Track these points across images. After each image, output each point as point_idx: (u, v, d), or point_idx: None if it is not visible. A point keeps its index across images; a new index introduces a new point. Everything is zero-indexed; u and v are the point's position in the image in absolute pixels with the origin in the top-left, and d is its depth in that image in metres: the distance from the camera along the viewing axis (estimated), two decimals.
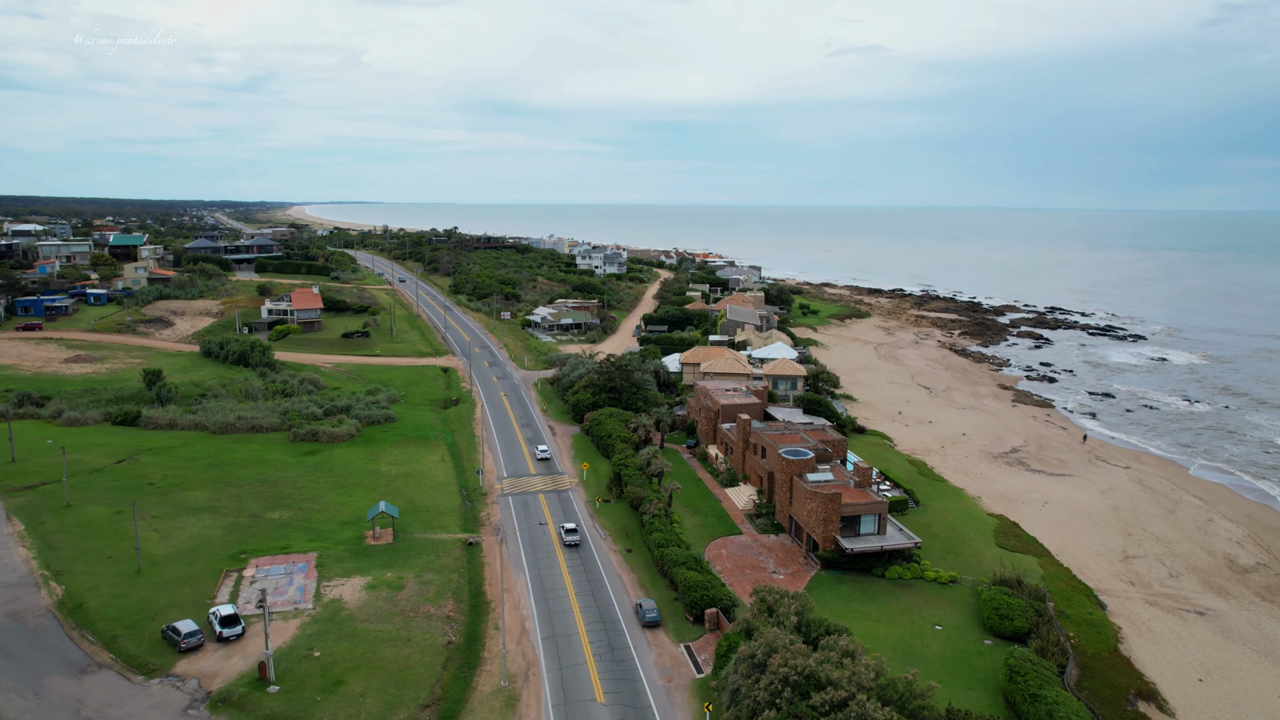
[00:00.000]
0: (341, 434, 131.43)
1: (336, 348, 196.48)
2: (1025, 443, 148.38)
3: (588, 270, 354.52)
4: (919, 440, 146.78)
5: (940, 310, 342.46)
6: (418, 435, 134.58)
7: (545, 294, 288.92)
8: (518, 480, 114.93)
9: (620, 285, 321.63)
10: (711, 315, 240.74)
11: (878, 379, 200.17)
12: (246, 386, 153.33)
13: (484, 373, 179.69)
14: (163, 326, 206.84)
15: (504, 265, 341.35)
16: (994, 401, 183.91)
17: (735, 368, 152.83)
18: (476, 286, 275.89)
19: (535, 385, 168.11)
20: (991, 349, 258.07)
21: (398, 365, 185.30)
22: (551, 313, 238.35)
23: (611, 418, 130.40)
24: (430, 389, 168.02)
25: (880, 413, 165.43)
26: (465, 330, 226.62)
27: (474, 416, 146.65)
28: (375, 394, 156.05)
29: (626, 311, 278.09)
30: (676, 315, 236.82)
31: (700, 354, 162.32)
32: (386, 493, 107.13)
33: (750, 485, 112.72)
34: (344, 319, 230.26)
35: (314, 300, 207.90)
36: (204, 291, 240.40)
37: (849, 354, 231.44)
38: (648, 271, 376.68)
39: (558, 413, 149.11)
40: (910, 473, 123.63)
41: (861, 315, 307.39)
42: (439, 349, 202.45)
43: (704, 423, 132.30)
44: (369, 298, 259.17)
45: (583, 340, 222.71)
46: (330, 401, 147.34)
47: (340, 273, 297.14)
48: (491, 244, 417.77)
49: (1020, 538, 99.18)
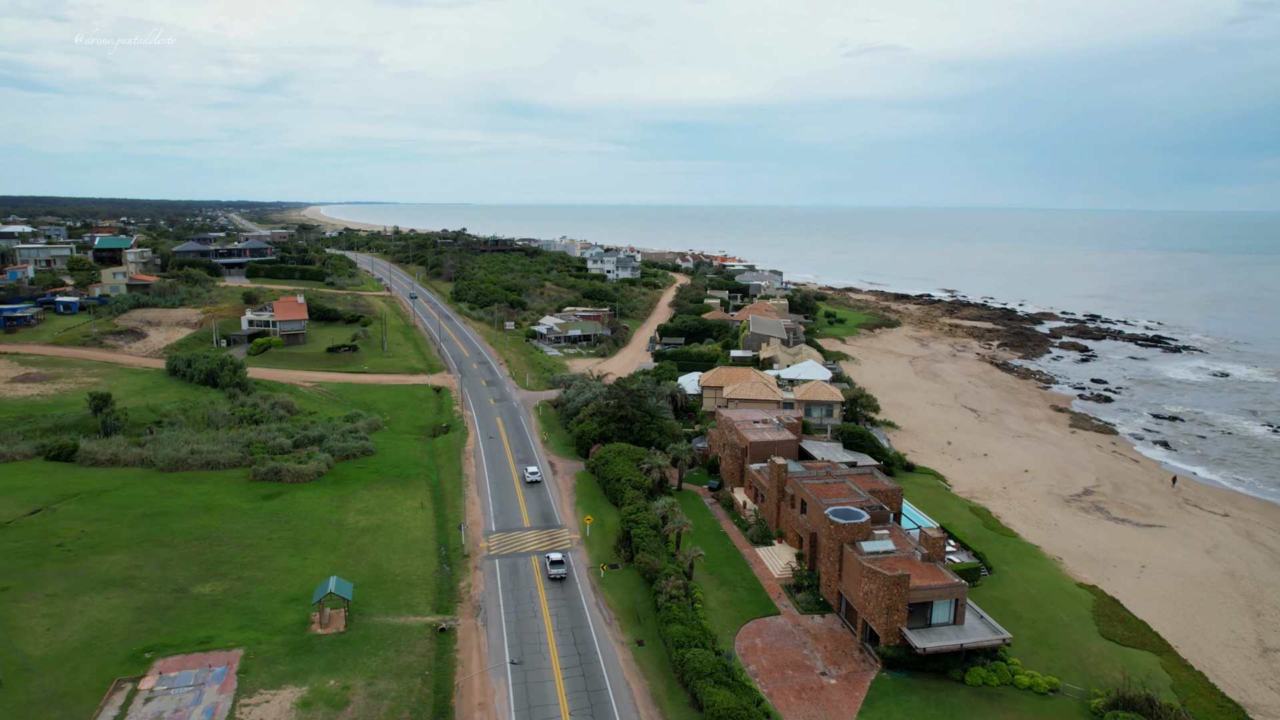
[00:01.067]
0: (309, 472, 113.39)
1: (320, 363, 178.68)
2: (1098, 481, 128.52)
3: (599, 275, 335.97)
4: (976, 479, 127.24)
5: (974, 318, 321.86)
6: (397, 473, 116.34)
7: (553, 301, 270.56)
8: (508, 536, 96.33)
9: (633, 291, 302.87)
10: (732, 326, 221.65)
11: (918, 400, 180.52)
12: (210, 412, 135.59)
13: (480, 393, 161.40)
14: (134, 339, 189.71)
15: (511, 269, 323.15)
16: (1050, 427, 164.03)
17: (763, 393, 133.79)
18: (479, 293, 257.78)
19: (537, 409, 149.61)
20: (1035, 363, 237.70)
21: (386, 384, 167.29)
22: (559, 323, 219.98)
23: (621, 456, 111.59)
24: (419, 413, 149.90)
25: (927, 443, 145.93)
26: (464, 343, 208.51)
27: (464, 448, 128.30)
28: (355, 420, 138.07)
29: (640, 320, 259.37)
30: (694, 326, 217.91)
31: (723, 376, 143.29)
32: (349, 553, 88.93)
33: (787, 545, 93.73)
34: (334, 330, 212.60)
35: (298, 310, 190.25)
36: (185, 299, 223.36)
37: (883, 369, 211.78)
38: (663, 276, 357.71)
39: (560, 444, 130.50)
40: (974, 525, 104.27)
41: (891, 324, 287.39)
42: (433, 365, 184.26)
43: (729, 461, 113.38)
44: (364, 306, 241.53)
45: (592, 354, 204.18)
46: (302, 431, 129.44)
47: (336, 278, 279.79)
48: (499, 247, 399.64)
49: (1127, 622, 79.65)
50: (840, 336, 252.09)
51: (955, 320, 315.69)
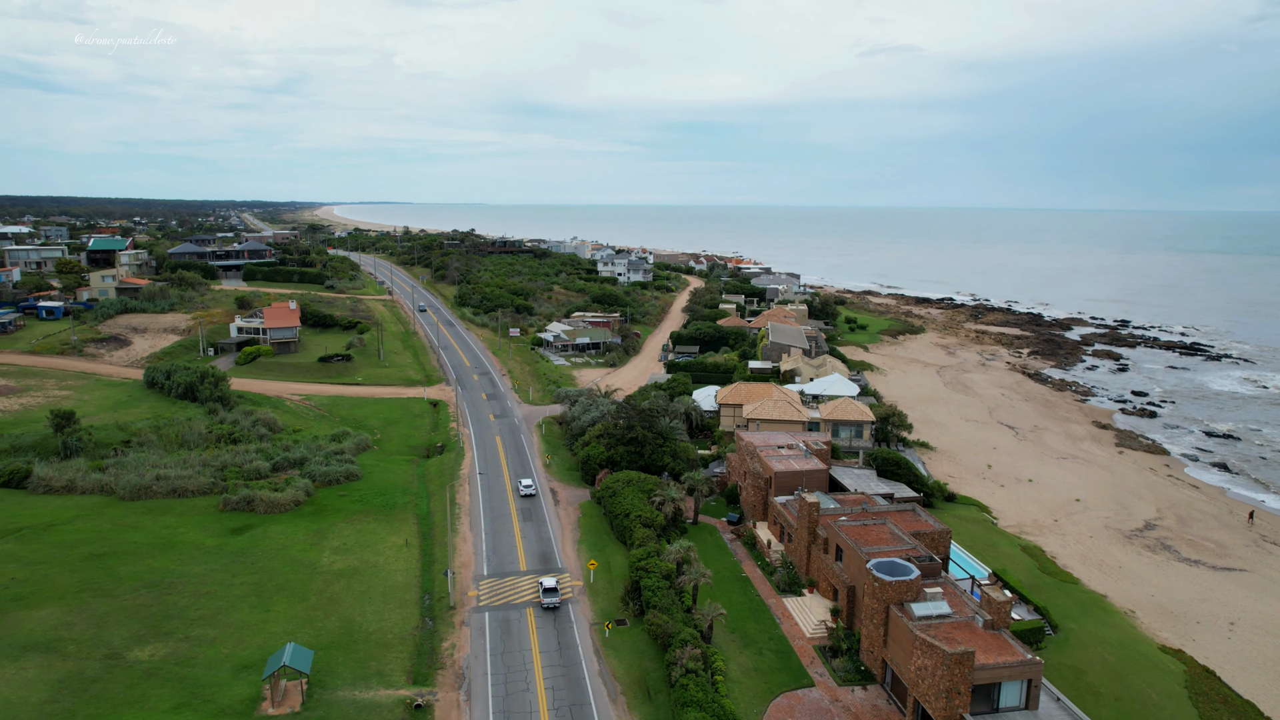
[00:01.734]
0: (284, 501, 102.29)
1: (311, 374, 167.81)
2: (1159, 513, 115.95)
3: (610, 278, 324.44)
4: (1023, 510, 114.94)
5: (1000, 324, 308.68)
6: (382, 502, 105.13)
7: (561, 306, 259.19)
8: (501, 582, 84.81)
9: (645, 295, 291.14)
10: (749, 334, 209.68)
11: (950, 415, 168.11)
12: (185, 430, 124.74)
13: (480, 408, 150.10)
14: (117, 346, 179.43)
15: (518, 272, 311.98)
16: (1095, 447, 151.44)
17: (786, 412, 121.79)
18: (484, 297, 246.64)
19: (539, 427, 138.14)
20: (1069, 372, 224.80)
21: (379, 397, 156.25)
22: (566, 330, 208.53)
23: (630, 487, 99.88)
24: (412, 430, 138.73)
25: (965, 466, 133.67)
26: (465, 351, 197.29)
27: (459, 472, 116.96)
28: (341, 440, 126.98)
29: (653, 326, 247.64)
30: (709, 334, 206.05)
31: (742, 393, 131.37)
32: (319, 604, 77.72)
33: (819, 597, 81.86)
34: (330, 336, 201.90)
35: (290, 317, 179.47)
36: (176, 304, 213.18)
37: (910, 381, 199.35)
38: (676, 279, 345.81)
39: (563, 468, 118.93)
40: (1028, 569, 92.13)
41: (915, 331, 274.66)
42: (431, 376, 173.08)
43: (751, 492, 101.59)
44: (362, 311, 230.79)
45: (601, 363, 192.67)
46: (282, 452, 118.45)
47: (336, 281, 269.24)
48: (507, 248, 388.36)
49: (1230, 703, 67.41)
50: (863, 344, 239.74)
51: (981, 326, 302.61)
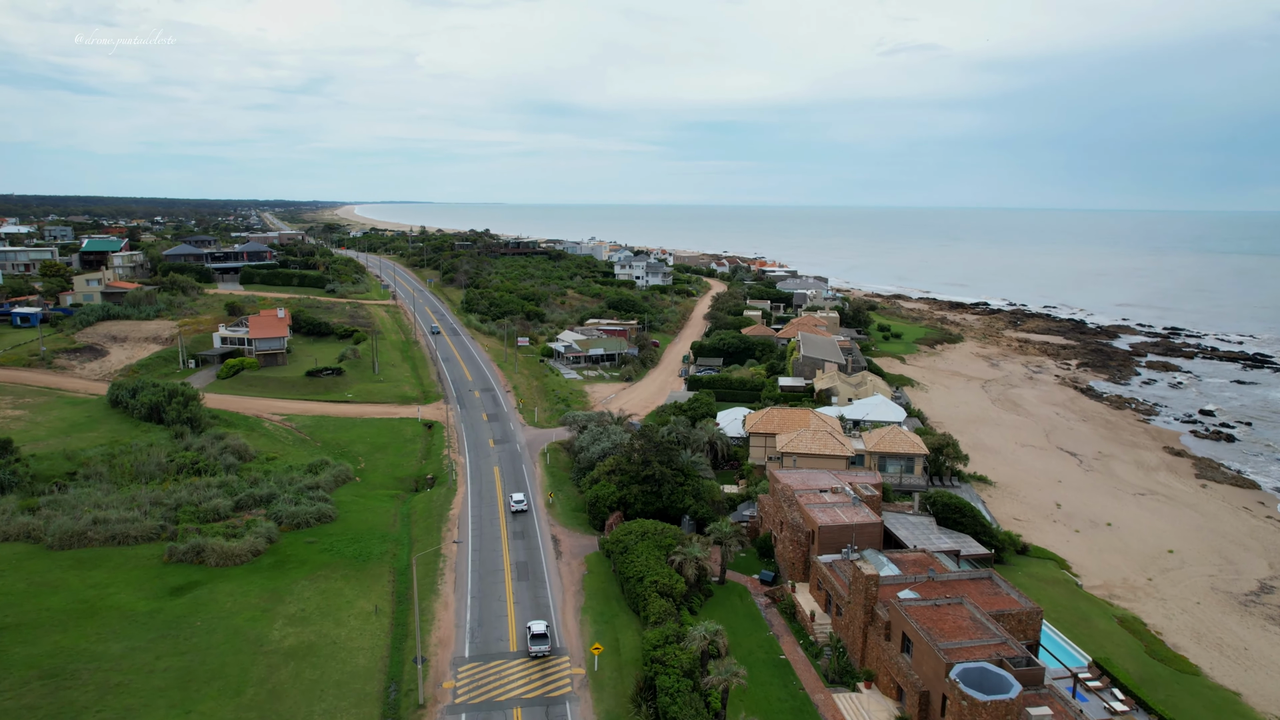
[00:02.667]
0: (241, 551, 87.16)
1: (297, 390, 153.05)
2: (1274, 569, 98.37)
3: (627, 281, 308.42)
4: (1108, 564, 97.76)
5: (1041, 331, 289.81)
6: (355, 552, 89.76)
7: (575, 312, 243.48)
8: (485, 668, 68.99)
9: (664, 300, 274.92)
10: (777, 345, 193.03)
11: (1004, 439, 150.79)
12: (141, 460, 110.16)
13: (479, 431, 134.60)
14: (91, 357, 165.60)
15: (530, 275, 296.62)
16: (1172, 479, 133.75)
17: (827, 445, 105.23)
18: (493, 303, 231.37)
19: (544, 455, 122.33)
20: (1125, 387, 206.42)
21: (369, 417, 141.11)
22: (579, 339, 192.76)
23: (645, 542, 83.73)
24: (401, 458, 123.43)
25: (1030, 504, 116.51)
26: (468, 363, 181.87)
27: (449, 512, 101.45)
28: (319, 471, 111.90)
29: (672, 334, 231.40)
30: (734, 344, 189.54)
31: (774, 419, 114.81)
32: (256, 702, 62.37)
33: (879, 694, 65.48)
34: (325, 346, 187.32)
35: (277, 326, 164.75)
36: (162, 309, 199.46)
37: (955, 398, 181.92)
38: (696, 283, 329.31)
39: (568, 509, 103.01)
40: (1132, 650, 75.18)
41: (953, 339, 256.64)
42: (429, 392, 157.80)
43: (789, 546, 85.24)
44: (362, 318, 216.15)
45: (616, 377, 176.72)
46: (249, 487, 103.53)
47: (338, 284, 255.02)
48: (521, 249, 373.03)
49: None
50: (898, 355, 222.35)
51: (1022, 334, 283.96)
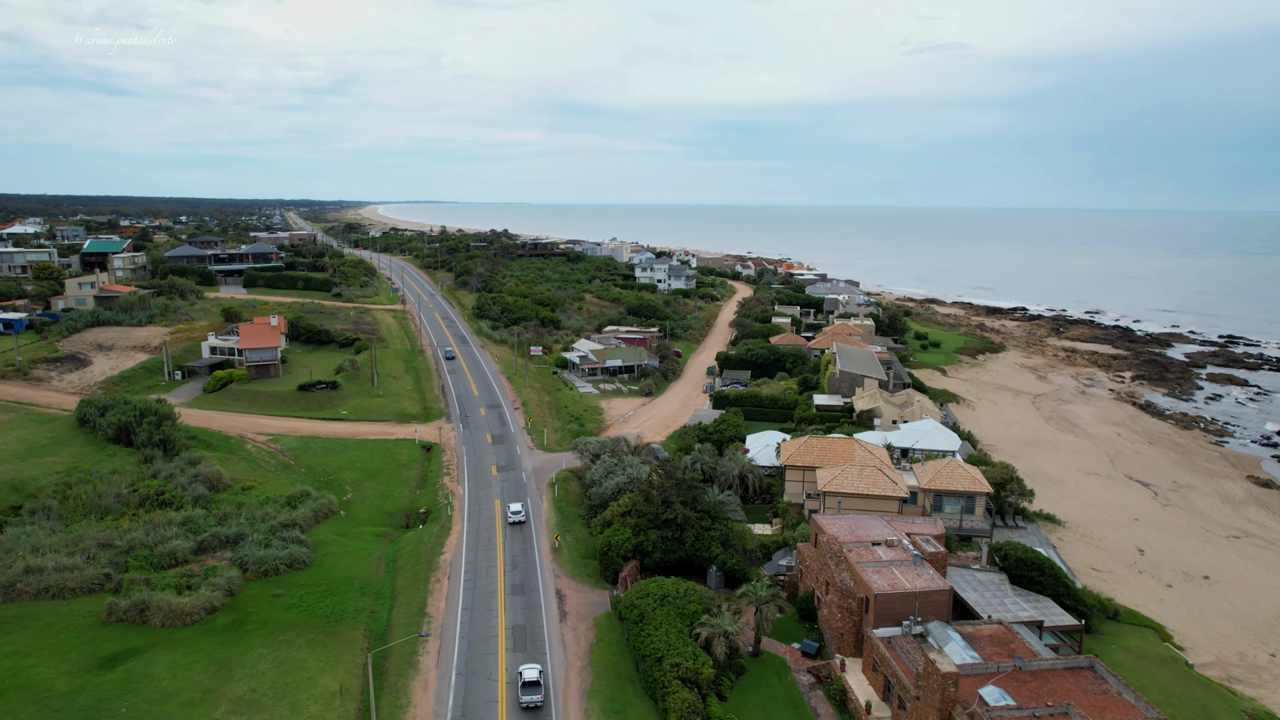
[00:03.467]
0: (193, 608, 74.53)
1: (288, 405, 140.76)
2: None
3: (648, 284, 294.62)
4: (1217, 633, 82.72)
5: (1087, 340, 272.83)
6: (327, 610, 76.84)
7: (593, 318, 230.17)
8: None
9: (687, 305, 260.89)
10: (809, 356, 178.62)
11: (1064, 465, 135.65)
12: (99, 491, 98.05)
13: (482, 455, 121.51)
14: (73, 368, 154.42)
15: (547, 278, 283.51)
16: (1266, 516, 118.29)
17: (876, 483, 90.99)
18: (505, 309, 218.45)
19: (552, 485, 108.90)
20: (1189, 403, 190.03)
21: (363, 437, 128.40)
22: (595, 350, 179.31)
23: (665, 608, 69.94)
24: (394, 487, 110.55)
25: (1108, 550, 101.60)
26: (475, 375, 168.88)
27: (440, 557, 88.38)
28: (298, 504, 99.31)
29: (695, 342, 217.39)
30: (763, 355, 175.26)
31: (814, 450, 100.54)
32: None
33: None
34: (324, 355, 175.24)
35: (269, 336, 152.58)
36: (156, 315, 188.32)
37: (1004, 416, 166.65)
38: (721, 286, 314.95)
39: (576, 556, 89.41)
40: None
41: (995, 349, 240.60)
42: (430, 408, 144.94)
43: (837, 614, 71.17)
44: (367, 325, 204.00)
45: (634, 391, 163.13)
46: (215, 525, 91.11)
47: (345, 288, 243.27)
48: (539, 251, 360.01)
49: None
50: (939, 366, 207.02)
51: (1067, 342, 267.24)
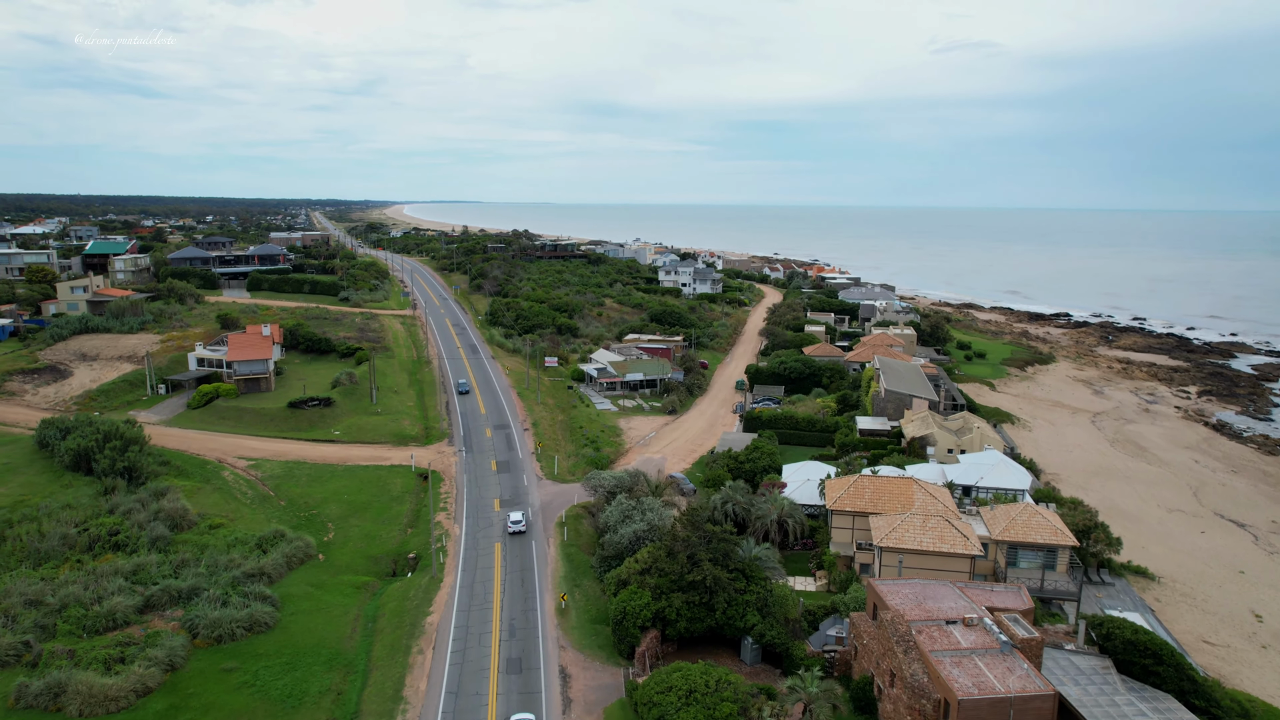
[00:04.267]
0: (119, 693, 61.96)
1: (276, 425, 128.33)
2: None
3: (672, 288, 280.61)
4: None
5: (1141, 349, 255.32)
6: (286, 691, 63.84)
7: (613, 325, 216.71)
8: None
9: (714, 311, 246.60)
10: (848, 370, 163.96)
11: (1141, 500, 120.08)
12: (40, 533, 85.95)
13: (485, 485, 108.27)
14: (51, 380, 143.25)
15: (566, 282, 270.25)
16: None
17: (944, 538, 76.42)
18: (520, 315, 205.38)
19: (561, 525, 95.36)
20: (1269, 423, 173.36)
21: (355, 462, 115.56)
22: (615, 361, 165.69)
23: (693, 709, 56.04)
24: (381, 524, 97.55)
25: (1215, 613, 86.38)
26: (484, 390, 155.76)
27: (424, 619, 75.10)
28: (270, 547, 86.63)
29: (722, 352, 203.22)
30: (797, 369, 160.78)
31: (866, 492, 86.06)
32: None
33: None
34: (323, 366, 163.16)
35: (260, 346, 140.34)
36: (149, 322, 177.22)
37: (1065, 438, 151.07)
38: (749, 290, 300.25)
39: (585, 620, 75.62)
40: None
41: (1044, 359, 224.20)
42: (432, 428, 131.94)
43: (905, 715, 56.92)
44: (373, 333, 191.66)
45: (657, 408, 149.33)
46: (170, 575, 78.73)
47: (353, 292, 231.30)
48: (558, 253, 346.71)
49: None
50: (986, 379, 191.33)
51: (1119, 352, 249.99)
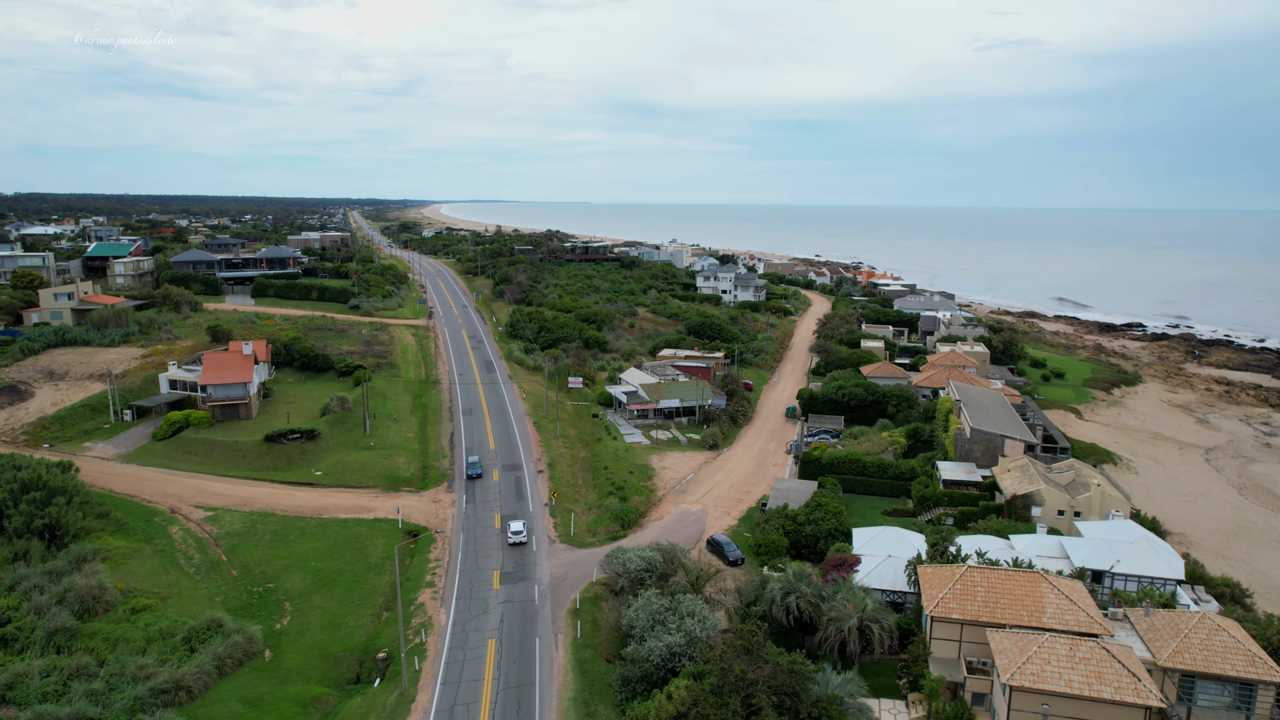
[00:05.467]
0: None
1: (249, 461, 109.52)
2: None
3: (711, 295, 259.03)
4: None
5: (1237, 367, 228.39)
6: None
7: (647, 338, 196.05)
8: None
9: (757, 322, 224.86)
10: (916, 396, 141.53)
11: None
12: None
13: (485, 551, 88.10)
14: (8, 402, 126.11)
15: (597, 288, 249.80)
16: None
17: (1104, 679, 54.28)
18: (543, 327, 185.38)
19: (574, 612, 74.77)
20: None
21: (332, 515, 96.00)
22: (647, 384, 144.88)
23: None
24: (352, 604, 77.76)
25: None
26: (496, 417, 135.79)
27: None
28: (200, 646, 67.32)
29: (769, 370, 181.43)
30: (857, 395, 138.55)
31: (978, 592, 64.10)
32: None
33: None
34: (318, 386, 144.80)
35: (240, 368, 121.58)
36: (132, 334, 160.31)
37: (1177, 481, 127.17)
38: (794, 298, 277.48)
39: None
40: None
41: (1130, 380, 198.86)
42: (430, 467, 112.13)
43: None
44: (379, 347, 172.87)
45: (695, 441, 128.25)
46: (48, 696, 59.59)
47: (364, 299, 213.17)
48: (589, 255, 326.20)
49: None
50: (1070, 405, 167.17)
51: (1212, 370, 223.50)
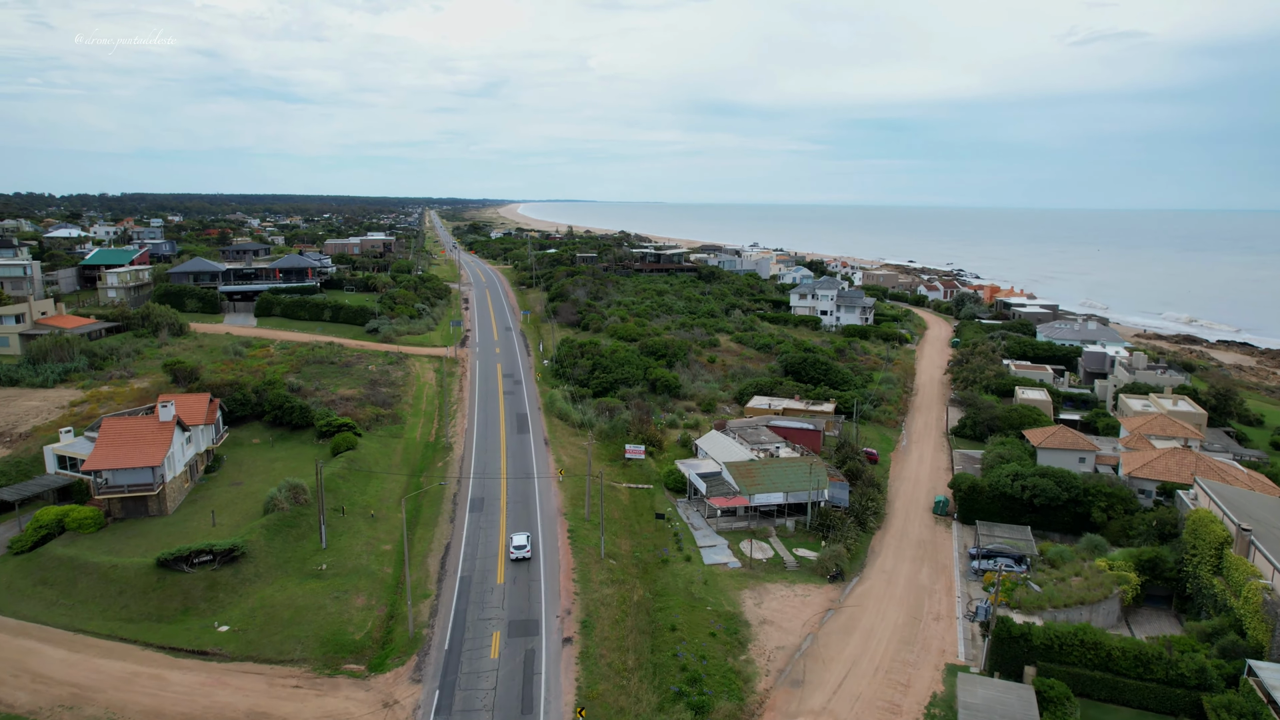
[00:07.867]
0: None
1: (124, 604, 71.42)
2: None
3: (808, 316, 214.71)
4: None
5: None
6: None
7: (731, 378, 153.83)
8: None
9: (868, 355, 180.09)
10: (1132, 493, 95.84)
11: None
12: None
13: None
14: None
15: (669, 307, 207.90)
16: None
17: None
18: (598, 364, 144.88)
19: None
20: None
21: None
22: (735, 461, 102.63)
23: None
24: None
25: None
26: (519, 509, 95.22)
27: None
28: None
29: (892, 426, 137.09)
30: (1046, 491, 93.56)
31: None
32: None
33: None
34: (288, 451, 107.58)
35: (151, 440, 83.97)
36: (73, 370, 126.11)
37: None
38: (905, 319, 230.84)
39: None
40: None
41: None
42: (398, 619, 72.05)
43: None
44: (386, 390, 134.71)
45: (807, 562, 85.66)
46: None
47: (386, 320, 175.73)
48: (660, 265, 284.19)
49: None
50: None
51: None
